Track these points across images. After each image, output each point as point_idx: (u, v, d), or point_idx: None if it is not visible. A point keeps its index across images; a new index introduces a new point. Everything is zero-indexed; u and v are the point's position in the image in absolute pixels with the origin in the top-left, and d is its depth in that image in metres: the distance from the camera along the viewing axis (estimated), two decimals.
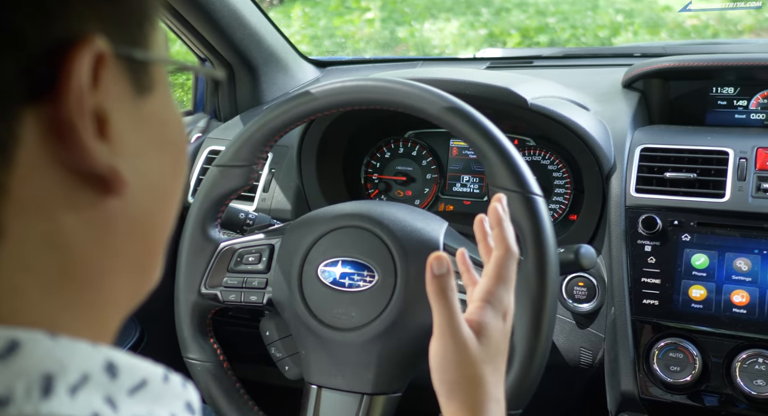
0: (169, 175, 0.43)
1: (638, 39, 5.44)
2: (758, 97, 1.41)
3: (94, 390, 0.34)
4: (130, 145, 0.38)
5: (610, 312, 1.21)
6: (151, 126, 0.40)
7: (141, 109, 0.39)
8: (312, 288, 1.01)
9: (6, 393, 0.31)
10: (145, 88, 0.39)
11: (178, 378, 0.41)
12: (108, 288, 0.40)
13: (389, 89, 1.00)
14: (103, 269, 0.39)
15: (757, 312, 1.11)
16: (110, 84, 0.36)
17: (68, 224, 0.36)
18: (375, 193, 1.54)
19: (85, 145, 0.34)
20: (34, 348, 0.33)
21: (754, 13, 5.60)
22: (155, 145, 0.41)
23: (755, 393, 1.07)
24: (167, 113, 0.42)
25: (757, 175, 1.17)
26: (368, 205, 1.05)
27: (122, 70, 0.37)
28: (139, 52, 0.38)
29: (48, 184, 0.35)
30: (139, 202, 0.40)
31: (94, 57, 0.34)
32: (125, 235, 0.39)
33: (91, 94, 0.35)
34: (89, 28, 0.35)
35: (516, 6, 5.91)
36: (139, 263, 0.42)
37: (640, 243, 1.19)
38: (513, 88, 1.23)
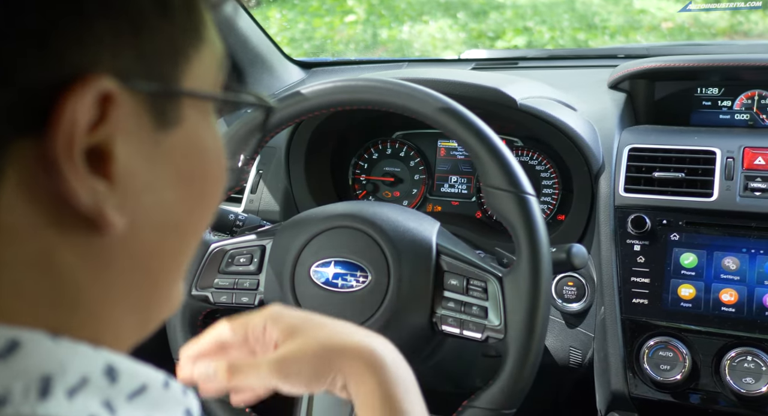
0: (185, 209, 0.41)
1: (614, 41, 5.48)
2: (742, 97, 1.42)
3: (92, 394, 0.34)
4: (141, 179, 0.37)
5: (599, 311, 1.22)
6: (170, 160, 0.39)
7: (161, 142, 0.38)
8: (304, 289, 1.00)
9: (3, 393, 0.32)
10: (170, 121, 0.38)
11: (179, 384, 0.41)
12: (109, 320, 0.39)
13: (382, 89, 1.00)
14: (103, 301, 0.38)
15: (745, 311, 1.12)
16: (122, 119, 0.35)
17: (62, 256, 0.36)
18: (363, 194, 1.54)
19: (69, 184, 0.34)
20: (35, 349, 0.33)
21: (728, 17, 5.67)
22: (172, 179, 0.40)
23: (744, 391, 1.08)
24: (196, 145, 0.41)
25: (744, 174, 1.18)
26: (360, 205, 1.04)
27: (141, 104, 0.36)
28: (164, 87, 0.37)
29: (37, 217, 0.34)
30: (143, 237, 0.39)
31: (99, 96, 0.34)
32: (126, 271, 0.39)
33: (91, 132, 0.34)
34: (99, 64, 0.34)
35: (494, 9, 5.94)
36: (143, 299, 0.41)
37: (630, 242, 1.20)
38: (502, 89, 1.23)
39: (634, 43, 5.44)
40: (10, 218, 0.34)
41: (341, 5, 4.89)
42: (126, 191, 0.36)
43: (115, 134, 0.35)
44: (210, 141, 0.42)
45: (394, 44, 5.18)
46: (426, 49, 5.13)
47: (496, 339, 0.93)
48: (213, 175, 0.43)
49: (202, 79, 0.40)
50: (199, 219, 0.44)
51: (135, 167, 0.36)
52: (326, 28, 4.93)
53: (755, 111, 1.41)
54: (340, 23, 4.87)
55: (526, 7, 6.01)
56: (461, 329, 0.95)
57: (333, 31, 4.90)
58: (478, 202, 1.47)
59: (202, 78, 0.40)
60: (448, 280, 0.97)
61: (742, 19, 5.64)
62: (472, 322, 0.94)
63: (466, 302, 0.95)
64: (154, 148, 0.38)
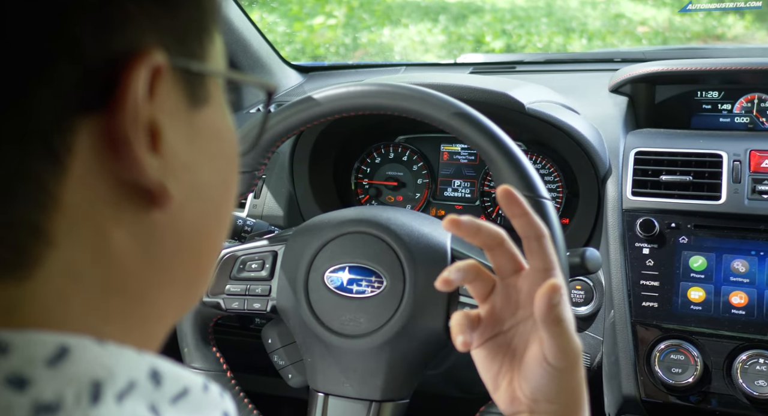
0: (221, 189, 0.42)
1: (592, 45, 5.53)
2: (742, 100, 1.43)
3: (139, 398, 0.35)
4: (182, 158, 0.38)
5: (608, 315, 1.22)
6: (203, 139, 0.40)
7: (194, 122, 0.39)
8: (318, 295, 0.99)
9: (56, 400, 0.31)
10: (200, 100, 0.39)
11: (217, 388, 0.41)
12: (155, 302, 0.40)
13: (396, 94, 1.00)
14: (151, 283, 0.39)
15: (755, 313, 1.12)
16: (165, 96, 0.36)
17: (116, 236, 0.36)
18: (366, 199, 1.53)
19: (137, 159, 0.34)
20: (83, 355, 0.33)
21: (702, 21, 5.74)
22: (207, 159, 0.40)
23: (757, 393, 1.08)
24: (220, 126, 0.42)
25: (751, 176, 1.19)
26: (373, 211, 1.03)
27: (178, 82, 0.37)
28: (195, 64, 0.38)
29: (98, 195, 0.35)
30: (187, 216, 0.39)
31: (151, 70, 0.34)
32: (173, 250, 0.39)
33: (146, 107, 0.34)
34: (148, 41, 0.34)
35: (473, 13, 5.96)
36: (187, 278, 0.42)
37: (638, 246, 1.20)
38: (510, 93, 1.23)
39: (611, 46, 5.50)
40: (75, 198, 0.34)
41: (322, 8, 4.89)
42: (174, 168, 0.37)
43: (161, 111, 0.36)
44: (229, 123, 0.43)
45: (374, 47, 5.18)
46: (406, 53, 5.14)
47: None
48: (232, 159, 0.44)
49: (218, 60, 0.41)
50: (230, 200, 0.44)
51: (178, 145, 0.37)
52: (306, 32, 4.92)
53: (755, 114, 1.42)
54: (320, 27, 4.87)
55: (505, 11, 6.04)
56: None
57: (313, 34, 4.89)
58: (482, 205, 1.46)
59: (218, 59, 0.41)
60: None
61: (716, 23, 5.71)
62: None
63: None
64: (189, 127, 0.38)
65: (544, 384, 0.63)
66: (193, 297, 0.44)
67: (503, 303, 0.67)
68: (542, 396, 0.63)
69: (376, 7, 5.58)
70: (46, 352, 0.32)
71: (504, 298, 0.67)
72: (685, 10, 1.65)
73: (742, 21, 5.53)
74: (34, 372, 0.32)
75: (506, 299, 0.67)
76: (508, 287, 0.67)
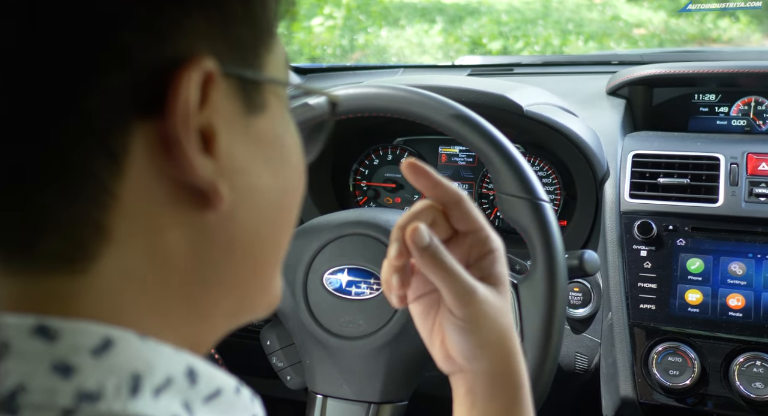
0: (278, 194, 0.43)
1: (588, 47, 5.53)
2: (739, 103, 1.43)
3: (174, 394, 0.36)
4: (237, 161, 0.39)
5: (606, 317, 1.22)
6: (260, 144, 0.41)
7: (251, 127, 0.40)
8: (317, 297, 1.00)
9: (98, 389, 0.33)
10: (256, 107, 0.40)
11: (248, 391, 0.42)
12: (200, 301, 0.40)
13: (394, 97, 1.00)
14: (204, 283, 0.40)
15: (752, 316, 1.13)
16: (219, 102, 0.37)
17: (170, 236, 0.37)
18: (364, 200, 1.53)
19: (189, 160, 0.36)
20: (126, 347, 0.34)
21: (697, 23, 5.76)
22: (263, 163, 0.41)
23: (754, 396, 1.09)
24: (279, 133, 0.43)
25: (748, 179, 1.19)
26: (372, 213, 1.04)
27: (233, 89, 0.38)
28: (249, 73, 0.39)
29: (153, 194, 0.36)
30: (241, 218, 0.40)
31: (203, 76, 0.36)
32: (225, 251, 0.40)
33: (198, 112, 0.36)
34: (199, 49, 0.36)
35: (469, 14, 5.97)
36: (237, 281, 0.42)
37: (636, 248, 1.20)
38: (508, 95, 1.23)
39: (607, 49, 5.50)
40: (133, 197, 0.35)
41: (320, 10, 4.89)
42: (228, 170, 0.38)
43: (216, 115, 0.37)
44: (290, 130, 0.44)
45: (371, 49, 5.18)
46: (403, 54, 5.14)
47: None
48: (294, 165, 0.45)
49: (277, 69, 0.43)
50: (290, 211, 0.45)
51: (233, 148, 0.38)
52: (303, 33, 4.92)
53: (752, 117, 1.42)
54: (318, 28, 4.87)
55: (501, 12, 6.05)
56: None
57: (311, 35, 4.89)
58: (480, 208, 1.47)
59: (277, 69, 0.42)
60: None
61: (712, 26, 5.73)
62: None
63: None
64: (245, 132, 0.40)
65: (457, 340, 0.61)
66: (247, 310, 0.45)
67: None
68: (461, 353, 0.62)
69: (373, 8, 5.59)
70: (92, 342, 0.34)
71: None
72: (685, 10, 1.65)
73: (737, 24, 5.54)
74: (79, 360, 0.33)
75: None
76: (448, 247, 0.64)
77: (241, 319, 0.45)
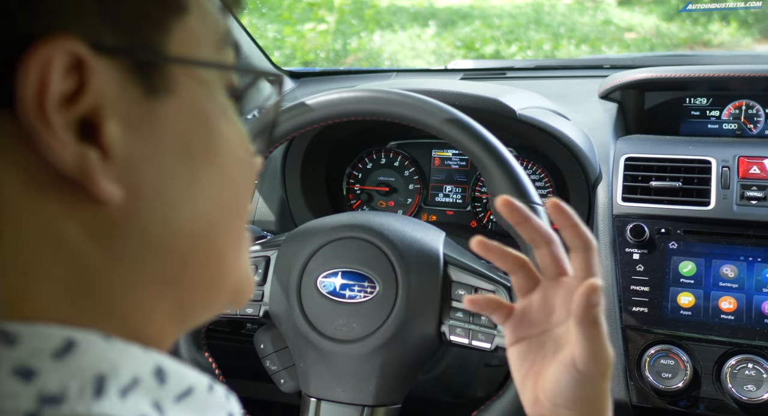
0: (199, 184, 0.40)
1: (580, 51, 5.55)
2: (730, 107, 1.44)
3: (143, 394, 0.35)
4: (136, 150, 0.36)
5: None
6: (169, 130, 0.38)
7: (154, 112, 0.37)
8: (311, 300, 1.00)
9: (60, 392, 0.32)
10: (158, 89, 0.37)
11: (222, 389, 0.41)
12: (135, 301, 0.39)
13: (389, 100, 1.00)
14: (121, 280, 0.38)
15: (744, 318, 1.13)
16: (104, 88, 0.35)
17: (67, 229, 0.35)
18: (357, 204, 1.53)
19: (51, 151, 0.33)
20: (89, 349, 0.34)
21: (689, 28, 5.78)
22: (175, 151, 0.39)
23: (746, 398, 1.09)
24: (196, 116, 0.40)
25: (740, 183, 1.20)
26: (366, 216, 1.04)
27: (125, 71, 0.36)
28: (142, 53, 0.36)
29: (32, 187, 0.34)
30: (151, 211, 0.38)
31: (70, 61, 0.33)
32: (141, 246, 0.38)
33: (69, 102, 0.33)
34: (63, 28, 0.33)
35: (462, 19, 5.98)
36: (173, 277, 0.40)
37: (629, 251, 1.21)
38: (501, 99, 1.24)
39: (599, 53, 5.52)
40: (7, 193, 0.34)
41: (315, 15, 4.89)
42: (122, 161, 0.36)
43: (102, 103, 0.34)
44: (214, 112, 0.41)
45: (364, 53, 5.19)
46: (396, 58, 5.14)
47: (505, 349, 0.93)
48: (231, 154, 0.42)
49: (193, 48, 0.39)
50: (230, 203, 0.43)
51: (128, 137, 0.36)
52: (296, 37, 4.92)
53: (743, 121, 1.43)
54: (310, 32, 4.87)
55: (493, 17, 6.06)
56: (470, 339, 0.95)
57: (303, 39, 4.89)
58: (473, 211, 1.47)
59: (192, 47, 0.39)
60: (456, 290, 0.97)
61: (702, 30, 5.76)
62: (481, 332, 0.94)
63: (475, 312, 0.95)
64: (146, 117, 0.37)
65: (567, 390, 0.63)
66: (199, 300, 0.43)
67: (540, 304, 0.68)
68: (563, 401, 0.64)
69: (366, 13, 5.60)
70: (53, 345, 0.33)
71: (542, 299, 0.68)
72: (685, 10, 1.66)
73: (727, 28, 5.57)
74: (39, 364, 0.32)
75: (543, 300, 0.68)
76: (547, 289, 0.68)
77: (196, 316, 0.43)
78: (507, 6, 6.25)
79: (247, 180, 0.44)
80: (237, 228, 0.44)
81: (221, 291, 0.44)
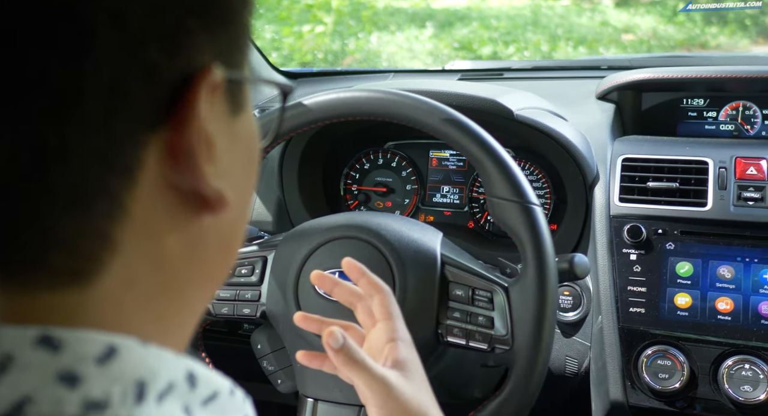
0: (249, 191, 0.44)
1: (577, 52, 5.56)
2: (727, 108, 1.44)
3: (176, 399, 0.36)
4: (226, 163, 0.39)
5: (596, 320, 1.22)
6: (241, 144, 0.41)
7: (234, 128, 0.40)
8: (308, 300, 0.99)
9: (104, 398, 0.32)
10: (239, 107, 0.40)
11: (241, 392, 0.42)
12: (191, 298, 0.41)
13: (387, 101, 1.00)
14: (191, 281, 0.40)
15: (741, 319, 1.13)
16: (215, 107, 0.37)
17: (169, 242, 0.38)
18: (354, 205, 1.53)
19: (200, 170, 0.36)
20: (129, 355, 0.34)
21: (686, 30, 5.79)
22: (243, 163, 0.42)
23: (742, 399, 1.09)
24: (252, 130, 0.43)
25: (737, 183, 1.20)
26: (364, 216, 1.04)
27: (223, 91, 0.38)
28: (237, 74, 0.39)
29: (159, 203, 0.36)
30: (228, 217, 0.41)
31: (211, 86, 0.36)
32: (215, 249, 0.41)
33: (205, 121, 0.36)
34: (207, 58, 0.36)
35: (459, 20, 5.98)
36: (219, 273, 0.44)
37: (626, 252, 1.21)
38: (499, 99, 1.24)
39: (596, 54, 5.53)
40: (140, 210, 0.35)
41: (313, 17, 4.89)
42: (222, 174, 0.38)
43: (214, 121, 0.37)
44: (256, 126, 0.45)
45: (362, 54, 5.19)
46: (394, 59, 5.15)
47: (502, 350, 0.93)
48: (256, 156, 0.45)
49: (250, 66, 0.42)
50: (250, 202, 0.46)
51: (223, 151, 0.38)
52: (294, 38, 4.92)
53: (740, 121, 1.43)
54: (308, 33, 4.87)
55: (491, 18, 6.06)
56: (467, 340, 0.95)
57: (301, 40, 4.89)
58: (470, 211, 1.47)
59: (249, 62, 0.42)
60: (453, 291, 0.97)
61: (699, 32, 5.77)
62: (479, 332, 0.94)
63: (472, 312, 0.95)
64: (231, 133, 0.40)
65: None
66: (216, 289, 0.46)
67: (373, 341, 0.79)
68: None
69: (364, 14, 5.60)
70: (96, 351, 0.33)
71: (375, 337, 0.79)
72: (685, 9, 1.66)
73: (724, 30, 5.58)
74: (84, 370, 0.33)
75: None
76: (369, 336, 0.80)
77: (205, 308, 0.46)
78: (504, 7, 6.26)
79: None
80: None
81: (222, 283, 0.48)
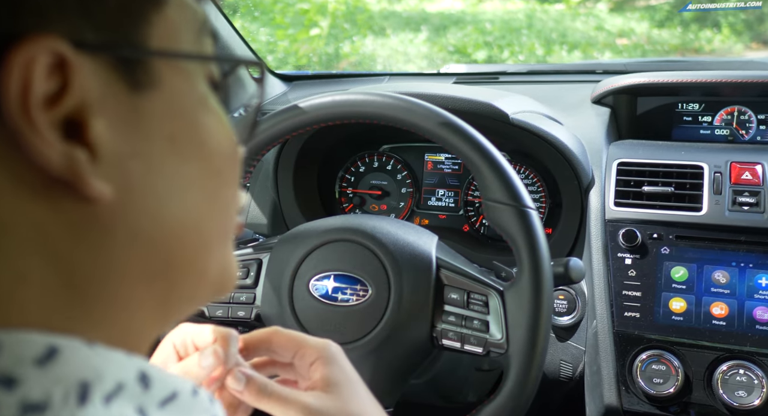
0: (190, 177, 0.40)
1: (572, 57, 5.57)
2: (722, 113, 1.45)
3: (127, 400, 0.35)
4: (124, 147, 0.36)
5: (590, 325, 1.22)
6: (156, 124, 0.38)
7: (139, 108, 0.37)
8: (303, 303, 0.99)
9: (44, 399, 0.32)
10: (143, 84, 0.37)
11: (207, 393, 0.41)
12: (118, 299, 0.38)
13: (382, 103, 1.00)
14: (110, 279, 0.37)
15: (735, 324, 1.13)
16: (88, 86, 0.34)
17: (56, 231, 0.35)
18: (350, 207, 1.53)
19: (37, 152, 0.33)
20: (72, 355, 0.33)
21: (680, 35, 5.81)
22: (164, 145, 0.39)
23: (737, 404, 1.09)
24: (181, 109, 0.40)
25: (732, 188, 1.20)
26: (359, 219, 1.03)
27: (108, 67, 0.35)
28: (124, 50, 0.36)
29: (18, 189, 0.34)
30: (141, 206, 0.38)
31: (53, 61, 0.33)
32: (127, 241, 0.38)
33: (55, 103, 0.33)
34: (45, 28, 0.33)
35: (454, 24, 5.99)
36: (159, 272, 0.40)
37: (621, 256, 1.21)
38: (494, 103, 1.24)
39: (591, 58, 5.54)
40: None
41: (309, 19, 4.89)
42: (111, 159, 0.35)
43: (86, 101, 0.34)
44: (197, 104, 0.41)
45: (357, 57, 5.19)
46: (389, 63, 5.15)
47: (497, 353, 0.92)
48: (216, 146, 0.42)
49: (173, 39, 0.39)
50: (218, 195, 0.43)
51: (115, 134, 0.36)
52: (289, 41, 4.92)
53: (735, 126, 1.44)
54: (303, 36, 4.87)
55: (486, 22, 6.07)
56: (462, 343, 0.94)
57: (296, 43, 4.89)
58: (465, 215, 1.47)
59: (172, 39, 0.39)
60: (448, 294, 0.96)
61: (693, 37, 5.79)
62: (474, 336, 0.94)
63: (467, 316, 0.94)
64: (132, 113, 0.37)
65: None
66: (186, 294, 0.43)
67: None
68: None
69: (359, 17, 5.60)
70: (35, 352, 0.32)
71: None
72: (685, 9, 1.67)
73: (719, 35, 5.60)
74: (22, 372, 0.32)
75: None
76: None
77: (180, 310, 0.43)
78: (499, 11, 6.27)
79: (233, 170, 0.44)
80: (225, 220, 0.45)
81: (207, 283, 0.44)
